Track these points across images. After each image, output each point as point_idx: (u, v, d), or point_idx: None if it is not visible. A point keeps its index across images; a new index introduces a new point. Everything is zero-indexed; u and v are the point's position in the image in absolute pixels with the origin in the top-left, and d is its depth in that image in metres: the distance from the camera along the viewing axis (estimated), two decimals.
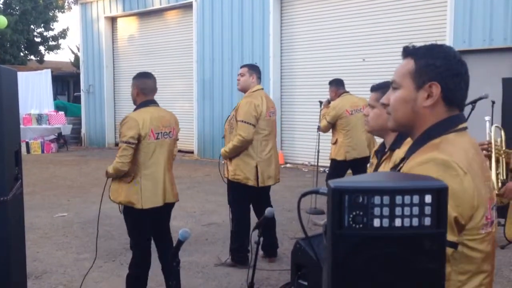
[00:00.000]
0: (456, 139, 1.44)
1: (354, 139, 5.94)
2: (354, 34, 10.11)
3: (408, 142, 2.25)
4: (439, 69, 1.44)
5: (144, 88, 3.63)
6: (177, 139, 3.85)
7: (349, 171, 6.18)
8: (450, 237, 1.30)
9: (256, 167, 4.54)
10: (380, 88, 2.37)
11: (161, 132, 3.60)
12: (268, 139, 4.63)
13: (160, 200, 3.60)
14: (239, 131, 4.44)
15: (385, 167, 2.28)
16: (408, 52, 1.52)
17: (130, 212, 3.59)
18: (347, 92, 6.20)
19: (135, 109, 3.67)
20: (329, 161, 6.34)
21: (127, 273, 3.67)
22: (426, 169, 1.34)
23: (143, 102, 3.63)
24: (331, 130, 6.16)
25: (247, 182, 4.55)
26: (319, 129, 6.81)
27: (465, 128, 1.48)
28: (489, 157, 2.98)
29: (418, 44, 1.57)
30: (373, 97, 2.40)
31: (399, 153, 2.24)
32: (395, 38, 9.49)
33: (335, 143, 6.05)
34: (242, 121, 4.45)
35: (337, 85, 6.23)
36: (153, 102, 3.66)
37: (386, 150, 2.37)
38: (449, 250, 1.31)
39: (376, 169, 2.39)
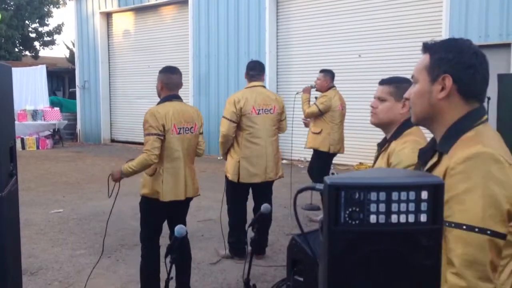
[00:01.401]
0: (486, 131, 1.47)
1: (338, 134, 6.11)
2: (350, 30, 10.11)
3: (408, 133, 2.35)
4: (452, 62, 1.47)
5: (168, 83, 3.67)
6: (201, 133, 3.84)
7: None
8: (501, 229, 1.34)
9: (238, 162, 4.61)
10: (393, 82, 2.44)
11: (183, 128, 3.64)
12: (255, 136, 4.62)
13: (181, 194, 3.67)
14: (220, 127, 4.65)
15: (383, 158, 2.38)
16: (425, 47, 1.56)
17: (148, 203, 3.67)
18: (335, 86, 6.26)
19: (158, 103, 3.71)
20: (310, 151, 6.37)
21: (140, 265, 3.76)
22: (474, 164, 1.37)
23: (166, 97, 3.67)
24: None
25: (228, 177, 4.70)
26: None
27: (487, 120, 1.52)
28: None
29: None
30: (385, 90, 2.44)
31: (397, 144, 2.31)
32: (391, 34, 9.50)
33: (319, 133, 6.07)
34: (223, 116, 4.63)
35: (331, 77, 6.27)
36: (176, 97, 3.69)
37: (385, 142, 2.44)
38: (500, 242, 1.35)
39: (375, 160, 2.47)
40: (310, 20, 10.77)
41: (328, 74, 6.24)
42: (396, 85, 2.41)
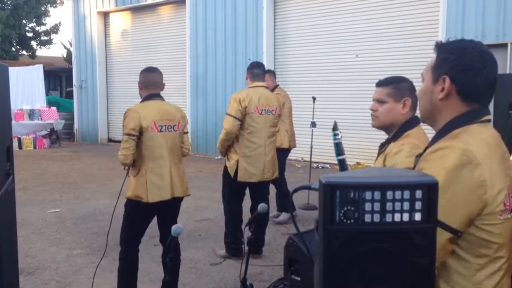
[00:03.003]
0: (476, 129, 1.47)
1: (292, 129, 6.22)
2: (348, 30, 10.13)
3: (407, 135, 2.33)
4: (452, 63, 1.48)
5: (147, 82, 3.65)
6: (186, 132, 3.84)
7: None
8: (450, 222, 1.36)
9: (237, 162, 4.62)
10: (391, 83, 2.39)
11: (165, 125, 3.60)
12: (255, 136, 4.65)
13: (166, 194, 3.59)
14: (223, 124, 4.62)
15: (380, 159, 2.34)
16: (435, 46, 1.57)
17: (133, 206, 3.59)
18: (279, 85, 6.35)
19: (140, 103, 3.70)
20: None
21: (118, 267, 3.69)
22: (441, 156, 1.41)
23: (146, 96, 3.65)
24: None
25: (230, 172, 4.71)
26: (313, 125, 6.85)
27: (488, 121, 1.52)
28: None
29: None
30: (384, 92, 2.38)
31: (394, 147, 2.28)
32: (388, 34, 9.52)
33: (277, 131, 6.08)
34: (226, 114, 4.63)
35: (275, 76, 6.33)
36: (157, 96, 3.67)
37: (386, 142, 2.41)
38: (444, 233, 1.35)
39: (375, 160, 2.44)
40: (308, 20, 10.77)
41: (272, 74, 6.29)
42: (394, 85, 2.36)
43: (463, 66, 1.47)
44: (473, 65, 1.47)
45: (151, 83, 3.66)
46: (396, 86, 2.36)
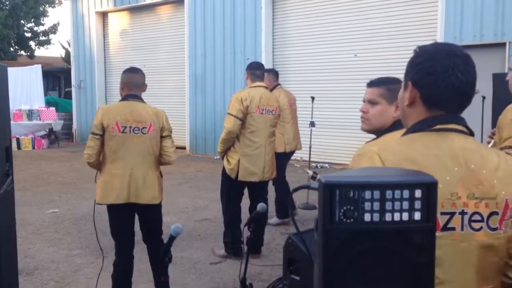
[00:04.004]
0: (419, 138, 1.38)
1: (292, 132, 6.05)
2: (346, 29, 10.14)
3: (384, 136, 2.23)
4: (417, 67, 1.41)
5: (127, 83, 3.58)
6: (165, 136, 3.59)
7: None
8: None
9: (238, 161, 4.63)
10: (384, 83, 2.23)
11: (130, 127, 3.44)
12: (256, 136, 4.66)
13: (120, 197, 3.43)
14: (224, 123, 4.63)
15: None
16: (413, 51, 1.49)
17: (107, 209, 3.58)
18: (280, 84, 6.19)
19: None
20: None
21: (112, 273, 3.67)
22: (358, 159, 1.40)
23: (123, 96, 3.59)
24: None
25: (230, 174, 4.70)
26: (312, 124, 6.84)
27: (447, 130, 1.39)
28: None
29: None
30: (376, 92, 2.22)
31: (362, 147, 2.21)
32: (387, 33, 9.52)
33: None
34: (227, 113, 4.64)
35: (274, 75, 6.13)
36: (133, 97, 3.55)
37: None
38: None
39: None
40: (306, 20, 10.78)
41: (271, 73, 6.07)
42: (387, 86, 2.19)
43: (426, 70, 1.38)
44: (435, 68, 1.37)
45: (133, 84, 3.57)
46: (389, 87, 2.19)
